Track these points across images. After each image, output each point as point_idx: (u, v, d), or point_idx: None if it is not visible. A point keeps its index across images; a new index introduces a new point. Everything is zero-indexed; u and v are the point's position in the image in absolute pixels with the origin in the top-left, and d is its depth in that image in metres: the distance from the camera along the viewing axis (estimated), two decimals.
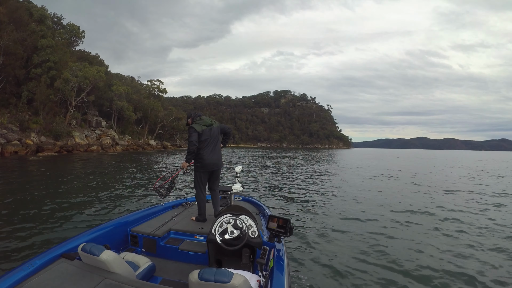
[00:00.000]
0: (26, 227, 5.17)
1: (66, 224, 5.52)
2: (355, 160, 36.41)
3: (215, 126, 3.88)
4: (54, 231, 5.08)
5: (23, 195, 7.86)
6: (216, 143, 3.88)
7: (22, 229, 5.04)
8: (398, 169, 22.67)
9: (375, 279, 3.77)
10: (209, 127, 3.82)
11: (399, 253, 4.63)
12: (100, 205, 7.09)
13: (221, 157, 4.03)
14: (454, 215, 7.23)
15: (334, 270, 3.99)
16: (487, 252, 4.80)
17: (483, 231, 5.92)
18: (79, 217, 5.98)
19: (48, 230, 5.10)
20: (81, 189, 9.31)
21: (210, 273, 1.69)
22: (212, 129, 3.83)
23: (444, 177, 17.28)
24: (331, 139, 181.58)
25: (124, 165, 18.73)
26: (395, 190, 11.31)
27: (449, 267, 4.15)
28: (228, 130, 4.14)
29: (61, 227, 5.30)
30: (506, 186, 13.45)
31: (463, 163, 35.95)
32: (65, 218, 5.88)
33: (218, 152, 3.92)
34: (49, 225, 5.39)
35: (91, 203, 7.33)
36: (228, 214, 2.71)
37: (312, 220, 6.53)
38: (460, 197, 10.07)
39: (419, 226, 6.25)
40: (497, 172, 21.64)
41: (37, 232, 4.94)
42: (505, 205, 8.64)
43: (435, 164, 30.83)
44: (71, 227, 5.27)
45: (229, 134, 4.16)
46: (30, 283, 1.93)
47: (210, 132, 3.80)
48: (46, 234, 4.88)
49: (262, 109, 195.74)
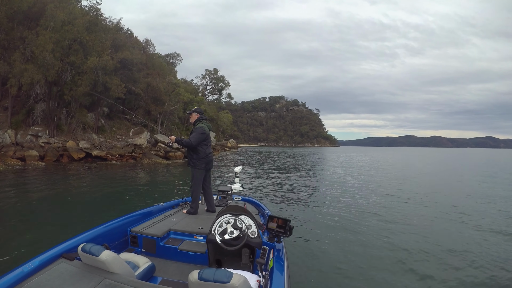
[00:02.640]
0: (25, 227, 5.26)
1: (65, 224, 5.59)
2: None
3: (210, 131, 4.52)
4: (53, 231, 5.14)
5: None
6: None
7: (21, 229, 5.12)
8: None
9: (375, 279, 3.86)
10: (210, 131, 4.49)
11: (399, 253, 4.77)
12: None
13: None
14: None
15: (334, 270, 4.09)
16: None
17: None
18: (79, 217, 6.09)
19: (47, 230, 5.19)
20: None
21: (210, 273, 1.73)
22: (209, 133, 4.48)
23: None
24: (319, 139, 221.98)
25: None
26: (391, 186, 12.52)
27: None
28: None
29: (60, 227, 5.37)
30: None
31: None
32: (65, 218, 6.02)
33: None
34: (49, 225, 5.53)
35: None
36: (227, 214, 2.78)
37: (312, 220, 6.66)
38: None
39: (420, 226, 6.44)
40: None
41: (37, 232, 5.01)
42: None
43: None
44: (71, 227, 5.25)
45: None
46: (30, 283, 1.97)
47: (209, 135, 4.45)
48: (46, 234, 4.92)
49: (260, 113, 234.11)
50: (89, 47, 20.96)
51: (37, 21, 20.64)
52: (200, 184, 4.36)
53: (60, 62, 19.88)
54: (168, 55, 42.70)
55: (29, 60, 19.69)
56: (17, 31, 20.20)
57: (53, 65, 19.23)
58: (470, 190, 12.51)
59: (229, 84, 57.57)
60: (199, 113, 4.48)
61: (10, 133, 19.95)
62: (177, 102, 31.94)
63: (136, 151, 24.71)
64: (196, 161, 4.32)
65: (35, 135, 20.91)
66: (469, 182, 15.51)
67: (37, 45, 19.02)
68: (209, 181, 4.55)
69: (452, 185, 14.41)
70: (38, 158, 19.15)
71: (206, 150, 4.37)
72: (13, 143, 19.71)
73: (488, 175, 19.41)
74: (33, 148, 19.65)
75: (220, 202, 4.80)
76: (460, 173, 21.58)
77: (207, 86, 57.12)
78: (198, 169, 4.32)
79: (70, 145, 21.43)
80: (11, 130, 20.16)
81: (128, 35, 28.99)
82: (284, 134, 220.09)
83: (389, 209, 8.24)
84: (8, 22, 19.48)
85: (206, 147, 4.36)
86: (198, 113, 4.47)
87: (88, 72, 20.48)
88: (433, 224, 6.80)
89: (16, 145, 19.72)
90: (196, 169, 4.32)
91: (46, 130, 21.65)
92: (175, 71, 41.85)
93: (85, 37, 20.57)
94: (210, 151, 4.45)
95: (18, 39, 20.20)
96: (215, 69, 56.82)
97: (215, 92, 58.56)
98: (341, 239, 5.47)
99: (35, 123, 21.63)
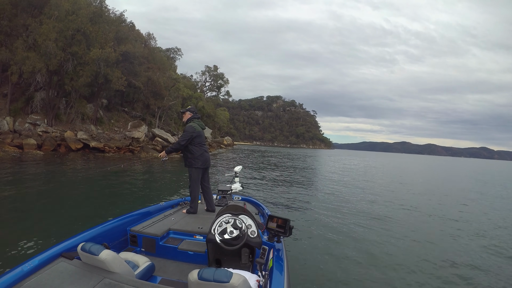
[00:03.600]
0: (25, 226, 5.22)
1: (65, 223, 5.60)
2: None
3: (203, 129, 4.56)
4: (53, 230, 5.14)
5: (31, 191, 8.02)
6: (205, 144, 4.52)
7: (21, 228, 5.09)
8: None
9: (375, 279, 3.92)
10: (203, 129, 4.50)
11: (399, 253, 4.88)
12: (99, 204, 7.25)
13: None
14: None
15: (334, 270, 4.12)
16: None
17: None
18: (78, 217, 6.05)
19: (47, 229, 5.18)
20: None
21: (210, 272, 1.75)
22: (203, 131, 4.50)
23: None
24: (315, 141, 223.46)
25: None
26: (390, 189, 12.87)
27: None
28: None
29: (60, 227, 5.37)
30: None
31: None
32: (64, 218, 5.98)
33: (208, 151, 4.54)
34: (49, 224, 5.49)
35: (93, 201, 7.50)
36: (227, 214, 2.79)
37: (312, 220, 6.70)
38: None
39: (420, 227, 6.65)
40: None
41: (36, 231, 5.00)
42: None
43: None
44: (71, 227, 5.29)
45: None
46: (29, 282, 1.99)
47: (203, 134, 4.47)
48: (45, 233, 4.92)
49: (257, 112, 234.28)
50: (92, 38, 21.13)
51: (41, 9, 20.73)
52: (198, 183, 4.38)
53: (62, 52, 20.04)
54: (168, 49, 42.69)
55: (31, 48, 19.79)
56: (21, 18, 20.27)
57: (55, 54, 19.39)
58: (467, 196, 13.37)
59: (228, 82, 58.13)
60: (192, 112, 4.54)
61: (9, 120, 20.07)
62: (177, 97, 32.25)
63: (133, 144, 24.92)
64: (191, 160, 4.36)
65: (33, 123, 21.02)
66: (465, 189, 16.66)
67: (40, 33, 19.14)
68: (207, 180, 4.58)
69: (453, 192, 15.18)
70: (36, 147, 19.30)
71: (200, 149, 4.38)
72: (11, 131, 19.85)
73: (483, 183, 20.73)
74: (31, 137, 19.78)
75: (220, 201, 4.83)
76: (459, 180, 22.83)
77: (206, 82, 57.76)
78: (195, 167, 4.34)
79: (68, 135, 21.60)
80: (9, 117, 20.28)
81: (130, 28, 29.02)
82: (279, 134, 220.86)
83: (388, 211, 8.44)
84: (12, 8, 19.61)
85: (199, 145, 4.37)
86: (192, 112, 4.53)
87: (90, 63, 20.66)
88: (433, 229, 6.98)
89: (14, 132, 19.85)
90: (193, 168, 4.35)
91: (44, 119, 21.78)
92: (175, 66, 42.09)
93: (88, 28, 20.74)
94: (205, 149, 4.47)
95: (21, 26, 20.26)
96: (215, 66, 56.72)
97: (214, 89, 58.87)
98: (341, 239, 5.57)
99: (34, 112, 21.74)
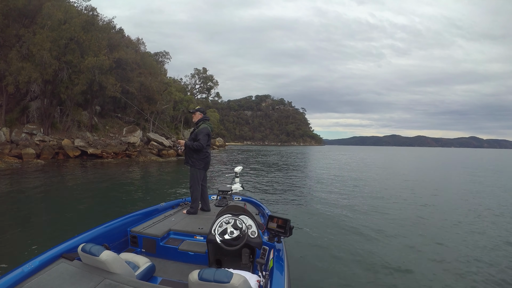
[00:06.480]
0: (25, 227, 5.32)
1: (65, 224, 5.67)
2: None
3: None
4: (53, 231, 5.23)
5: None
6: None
7: (21, 229, 5.19)
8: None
9: (375, 279, 3.95)
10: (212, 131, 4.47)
11: (400, 253, 4.88)
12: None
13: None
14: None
15: (335, 270, 4.15)
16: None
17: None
18: (78, 217, 6.18)
19: (47, 230, 5.29)
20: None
21: (210, 273, 1.77)
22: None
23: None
24: (305, 138, 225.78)
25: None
26: (392, 187, 12.85)
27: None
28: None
29: (60, 227, 5.45)
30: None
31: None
32: (64, 218, 6.08)
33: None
34: (49, 225, 5.62)
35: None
36: (227, 214, 2.83)
37: (313, 220, 6.75)
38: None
39: (422, 227, 6.58)
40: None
41: (37, 232, 5.10)
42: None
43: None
44: (71, 228, 5.32)
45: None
46: (30, 283, 2.01)
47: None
48: (46, 234, 5.01)
49: (246, 112, 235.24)
50: (85, 46, 21.83)
51: (33, 19, 21.31)
52: (199, 183, 4.42)
53: (57, 61, 20.69)
54: (157, 53, 43.43)
55: (25, 58, 20.35)
56: (13, 29, 20.77)
57: (50, 63, 20.04)
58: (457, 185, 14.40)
59: (218, 83, 59.66)
60: (202, 112, 4.54)
61: (5, 131, 20.57)
62: (169, 101, 33.09)
63: (130, 149, 25.77)
64: (196, 160, 4.39)
65: (30, 133, 21.57)
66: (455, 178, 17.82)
67: (35, 43, 19.74)
68: (205, 180, 4.64)
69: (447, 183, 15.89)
70: (35, 156, 19.88)
71: (208, 151, 4.46)
72: (8, 141, 20.36)
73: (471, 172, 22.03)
74: (29, 146, 20.35)
75: (220, 202, 4.86)
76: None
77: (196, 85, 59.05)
78: (198, 168, 4.39)
79: (66, 143, 22.25)
80: (5, 128, 20.78)
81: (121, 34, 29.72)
82: (270, 133, 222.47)
83: (389, 208, 8.49)
84: (4, 19, 20.06)
85: (208, 147, 4.45)
86: (202, 113, 4.53)
87: (85, 71, 21.37)
88: (436, 224, 7.01)
89: (11, 143, 20.37)
90: (196, 169, 4.40)
91: (40, 128, 22.33)
92: (165, 70, 42.76)
93: (81, 36, 21.43)
94: (209, 152, 4.57)
95: (13, 36, 20.78)
96: (204, 68, 57.91)
97: (204, 91, 60.42)
98: (341, 238, 5.61)
99: (30, 121, 22.27)
